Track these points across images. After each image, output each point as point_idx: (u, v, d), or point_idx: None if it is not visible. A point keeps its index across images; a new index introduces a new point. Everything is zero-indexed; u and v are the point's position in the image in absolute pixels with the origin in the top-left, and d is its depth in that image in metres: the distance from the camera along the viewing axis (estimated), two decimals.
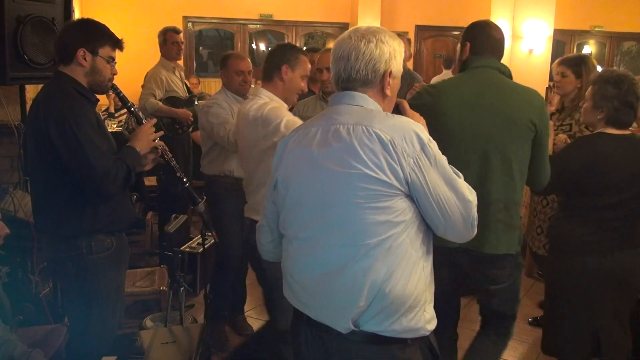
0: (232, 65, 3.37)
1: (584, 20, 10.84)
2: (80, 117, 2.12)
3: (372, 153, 1.43)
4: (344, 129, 1.49)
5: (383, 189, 1.43)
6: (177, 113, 4.62)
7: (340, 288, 1.49)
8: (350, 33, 1.57)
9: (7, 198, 3.05)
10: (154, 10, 8.71)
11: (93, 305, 2.28)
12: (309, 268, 1.56)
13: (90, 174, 2.11)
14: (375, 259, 1.45)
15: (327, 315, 1.55)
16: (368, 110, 1.54)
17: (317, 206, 1.52)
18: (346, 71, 1.55)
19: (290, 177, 1.60)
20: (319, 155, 1.52)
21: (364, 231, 1.45)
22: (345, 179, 1.46)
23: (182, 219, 3.16)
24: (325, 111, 1.62)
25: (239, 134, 2.64)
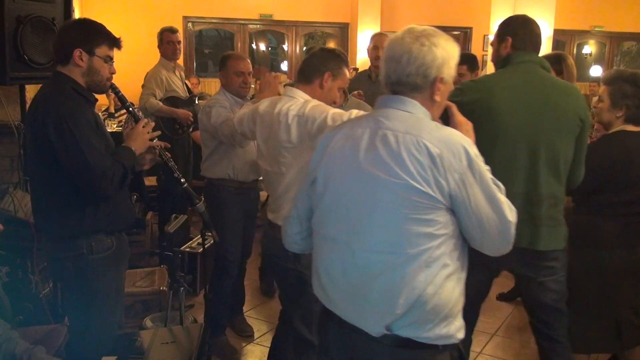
0: (232, 66, 3.29)
1: (584, 20, 10.84)
2: (78, 118, 2.12)
3: (419, 165, 1.42)
4: (392, 136, 1.47)
5: (427, 201, 1.42)
6: (178, 113, 4.62)
7: (378, 294, 1.49)
8: (404, 33, 1.54)
9: (7, 198, 3.05)
10: (153, 11, 8.71)
11: (93, 305, 2.27)
12: (345, 271, 1.55)
13: (87, 175, 2.10)
14: (414, 269, 1.45)
15: (360, 318, 1.55)
16: (418, 119, 1.51)
17: (357, 210, 1.51)
18: (396, 73, 1.52)
19: (332, 176, 1.58)
20: (364, 159, 1.50)
21: (405, 240, 1.45)
22: (389, 187, 1.45)
23: (182, 219, 3.16)
24: (373, 113, 1.59)
25: (264, 136, 2.46)
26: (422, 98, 1.54)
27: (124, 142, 2.30)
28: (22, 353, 2.06)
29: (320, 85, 2.37)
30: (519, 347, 3.50)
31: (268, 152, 2.43)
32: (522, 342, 3.58)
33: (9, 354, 2.05)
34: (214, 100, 3.31)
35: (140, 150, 2.29)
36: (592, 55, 11.86)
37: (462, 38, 10.75)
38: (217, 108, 3.20)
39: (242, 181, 3.31)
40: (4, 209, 3.00)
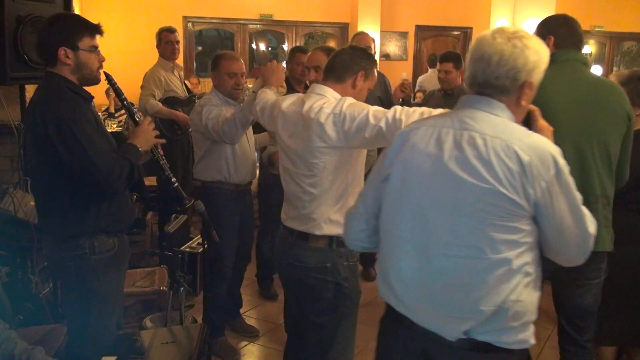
0: (225, 67, 3.18)
1: (584, 20, 10.76)
2: (78, 118, 2.12)
3: (509, 171, 1.38)
4: (480, 138, 1.43)
5: (513, 208, 1.40)
6: (177, 116, 4.62)
7: (457, 300, 1.46)
8: (495, 33, 1.49)
9: (7, 198, 3.05)
10: (153, 11, 8.70)
11: (92, 305, 2.28)
12: (421, 274, 1.51)
13: (93, 173, 2.11)
14: (497, 276, 1.42)
15: (436, 323, 1.52)
16: (506, 123, 1.47)
17: (436, 211, 1.47)
18: (485, 75, 1.48)
19: (410, 174, 1.53)
20: (449, 160, 1.45)
21: (488, 246, 1.42)
22: (473, 191, 1.41)
23: (182, 219, 3.16)
24: (456, 112, 1.54)
25: (289, 133, 2.29)
26: (508, 101, 1.49)
27: (128, 140, 2.31)
28: (21, 353, 2.06)
29: (352, 84, 2.26)
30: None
31: (294, 151, 2.25)
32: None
33: (8, 353, 2.05)
34: (205, 99, 3.26)
35: (145, 147, 2.30)
36: (592, 55, 11.85)
37: (462, 38, 10.75)
38: (207, 107, 3.14)
39: (237, 184, 3.26)
40: (4, 209, 3.00)
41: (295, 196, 2.26)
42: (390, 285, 1.59)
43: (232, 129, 2.99)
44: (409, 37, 10.39)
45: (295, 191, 2.25)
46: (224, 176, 3.22)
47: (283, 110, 2.31)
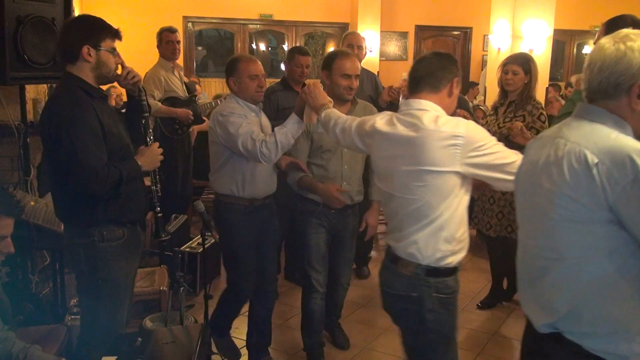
0: (245, 70, 2.91)
1: (584, 20, 10.84)
2: (77, 118, 2.20)
3: (575, 174, 1.40)
4: (562, 144, 1.47)
5: (582, 212, 1.40)
6: (177, 113, 4.61)
7: (543, 292, 1.55)
8: (608, 38, 1.48)
9: None
10: (154, 11, 8.71)
11: (102, 293, 2.37)
12: (523, 267, 1.64)
13: (78, 173, 2.20)
14: (575, 276, 1.46)
15: (531, 313, 1.63)
16: (595, 128, 1.45)
17: (526, 212, 1.61)
18: (589, 82, 1.49)
19: (519, 182, 1.68)
20: (541, 164, 1.53)
21: (563, 248, 1.47)
22: (546, 195, 1.48)
23: (182, 219, 3.16)
24: (566, 121, 1.57)
25: (386, 155, 2.13)
26: (616, 106, 1.45)
27: (135, 156, 2.41)
28: (18, 352, 2.07)
29: (449, 93, 2.11)
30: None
31: (392, 174, 2.09)
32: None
33: (5, 353, 2.06)
34: (227, 109, 2.92)
35: (148, 168, 2.41)
36: None
37: (462, 38, 10.75)
38: (234, 118, 2.84)
39: (251, 199, 2.99)
40: None
41: (391, 217, 2.16)
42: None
43: (272, 151, 2.72)
44: (409, 37, 10.39)
45: (392, 212, 2.14)
46: (237, 189, 2.96)
47: (384, 132, 2.13)
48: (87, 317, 2.47)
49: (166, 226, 2.93)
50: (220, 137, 2.89)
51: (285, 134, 2.71)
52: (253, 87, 2.92)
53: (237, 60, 2.97)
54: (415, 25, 10.36)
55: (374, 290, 4.37)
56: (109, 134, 2.29)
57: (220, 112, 2.91)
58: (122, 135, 2.40)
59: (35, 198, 3.25)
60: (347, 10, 9.93)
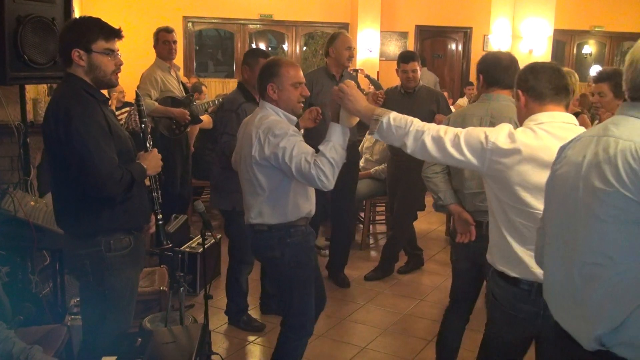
0: (288, 76, 2.53)
1: (584, 20, 10.84)
2: (87, 118, 2.14)
3: (632, 173, 1.31)
4: (613, 142, 1.38)
5: (637, 211, 1.32)
6: (174, 113, 4.61)
7: (592, 304, 1.42)
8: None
9: (7, 198, 3.04)
10: (153, 11, 8.71)
11: (109, 303, 2.31)
12: (565, 281, 1.50)
13: (93, 174, 2.12)
14: (627, 282, 1.35)
15: (576, 329, 1.49)
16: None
17: (570, 219, 1.48)
18: (631, 80, 1.42)
19: (557, 182, 1.55)
20: (585, 166, 1.43)
21: (618, 252, 1.36)
22: (599, 196, 1.37)
23: (182, 219, 3.16)
24: (607, 120, 1.49)
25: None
26: None
27: (138, 159, 2.36)
28: (19, 353, 2.06)
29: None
30: None
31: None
32: None
33: (6, 353, 2.05)
34: (278, 126, 2.46)
35: (151, 172, 2.35)
36: (592, 55, 11.86)
37: (462, 38, 10.75)
38: (288, 138, 2.42)
39: (307, 217, 2.68)
40: (4, 209, 3.00)
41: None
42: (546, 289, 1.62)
43: (328, 174, 2.37)
44: (409, 37, 10.39)
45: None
46: (309, 211, 2.64)
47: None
48: (91, 325, 2.40)
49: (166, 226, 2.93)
50: (272, 160, 2.44)
51: (334, 149, 2.36)
52: (296, 96, 2.56)
53: (277, 65, 2.55)
54: (415, 25, 10.36)
55: (373, 290, 4.38)
56: (115, 135, 2.24)
57: (272, 132, 2.45)
58: (127, 138, 2.36)
59: (35, 198, 3.25)
60: (347, 10, 9.93)
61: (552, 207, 1.58)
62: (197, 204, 2.68)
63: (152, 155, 2.39)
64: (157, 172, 2.41)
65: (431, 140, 2.00)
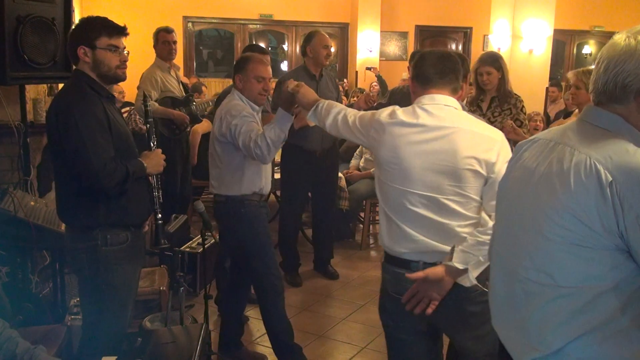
0: (253, 70, 2.94)
1: (584, 20, 10.85)
2: (86, 112, 2.20)
3: (583, 192, 1.17)
4: (568, 153, 1.24)
5: (587, 237, 1.19)
6: (173, 115, 4.61)
7: (529, 326, 1.32)
8: (622, 34, 1.27)
9: (7, 198, 3.04)
10: (153, 11, 8.72)
11: (106, 297, 2.34)
12: (505, 293, 1.40)
13: (87, 166, 2.18)
14: (569, 308, 1.24)
15: (512, 345, 1.41)
16: (608, 138, 1.23)
17: (516, 229, 1.36)
18: (597, 81, 1.29)
19: (508, 188, 1.44)
20: (537, 175, 1.32)
21: (560, 274, 1.24)
22: (545, 211, 1.25)
23: (182, 219, 3.15)
24: (570, 124, 1.38)
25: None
26: (627, 112, 1.25)
27: (140, 157, 2.40)
28: (23, 353, 2.05)
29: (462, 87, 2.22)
30: None
31: (430, 173, 2.00)
32: None
33: (10, 353, 2.04)
34: (235, 108, 2.91)
35: (151, 170, 2.40)
36: (592, 55, 11.86)
37: (462, 38, 10.75)
38: (240, 118, 2.85)
39: (261, 193, 3.08)
40: (4, 209, 3.00)
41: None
42: (490, 297, 1.52)
43: (264, 150, 2.78)
44: (409, 37, 10.40)
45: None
46: (261, 187, 3.03)
47: (407, 121, 2.06)
48: (89, 321, 2.44)
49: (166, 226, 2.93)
50: (225, 136, 2.90)
51: (273, 130, 2.76)
52: (258, 88, 2.95)
53: (247, 60, 2.99)
54: (415, 25, 10.37)
55: (372, 290, 4.37)
56: (115, 131, 2.28)
57: (229, 112, 2.91)
58: (128, 135, 2.40)
59: (35, 198, 3.25)
60: (347, 10, 9.94)
61: (501, 210, 1.48)
62: (197, 204, 2.68)
63: (155, 154, 2.45)
64: (158, 171, 2.46)
65: (341, 119, 2.21)
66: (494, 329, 1.50)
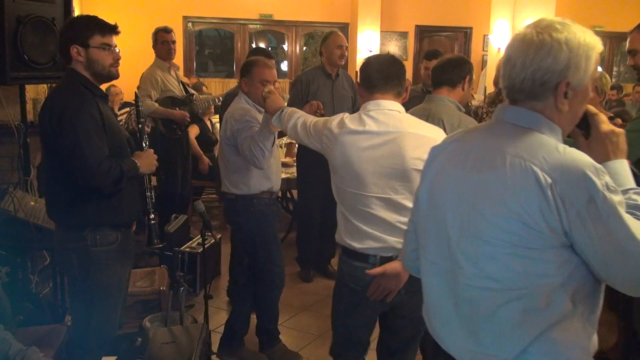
0: (258, 74, 3.04)
1: (584, 20, 10.73)
2: (80, 110, 2.20)
3: (524, 195, 1.19)
4: (500, 157, 1.24)
5: (532, 237, 1.20)
6: (174, 115, 4.61)
7: (482, 334, 1.31)
8: (528, 29, 1.27)
9: (7, 198, 3.05)
10: (153, 11, 8.71)
11: (94, 297, 2.33)
12: (452, 304, 1.37)
13: (83, 165, 2.18)
14: (521, 310, 1.24)
15: (464, 356, 1.38)
16: (536, 138, 1.25)
17: (458, 239, 1.32)
18: (510, 78, 1.28)
19: (436, 196, 1.40)
20: (467, 181, 1.30)
21: (510, 278, 1.24)
22: (489, 219, 1.24)
23: (182, 219, 3.15)
24: (488, 126, 1.39)
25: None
26: (544, 107, 1.27)
27: (132, 157, 2.39)
28: (15, 354, 2.06)
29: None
30: None
31: (381, 177, 2.10)
32: None
33: (2, 355, 2.05)
34: (239, 112, 3.03)
35: (143, 170, 2.40)
36: None
37: (462, 38, 10.75)
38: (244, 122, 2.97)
39: (270, 191, 3.18)
40: (4, 209, 3.00)
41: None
42: (427, 311, 1.50)
43: (258, 156, 2.87)
44: (409, 37, 10.39)
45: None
46: (270, 187, 3.13)
47: (355, 129, 2.19)
48: (79, 321, 2.44)
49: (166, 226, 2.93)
50: (230, 139, 3.03)
51: (262, 133, 2.87)
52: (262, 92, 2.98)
53: (252, 64, 3.11)
54: (415, 25, 10.36)
55: None
56: (109, 130, 2.28)
57: (233, 116, 3.03)
58: (121, 135, 2.40)
59: (35, 198, 3.25)
60: (347, 10, 9.93)
61: (427, 219, 1.44)
62: (197, 204, 2.69)
63: (147, 154, 2.45)
64: (150, 171, 2.45)
65: (300, 125, 2.33)
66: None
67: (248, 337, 3.45)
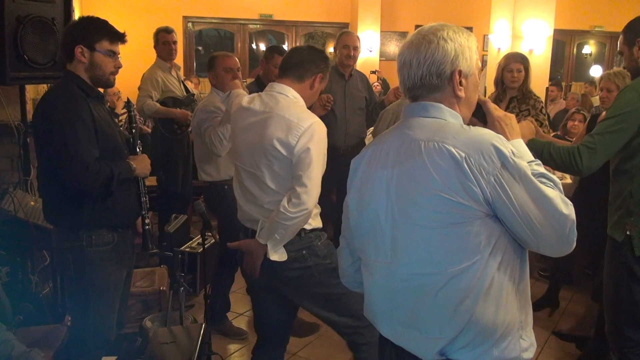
0: (220, 64, 3.36)
1: (584, 20, 10.84)
2: (71, 112, 2.19)
3: (444, 173, 1.30)
4: (415, 146, 1.36)
5: (461, 211, 1.30)
6: (175, 114, 4.61)
7: (426, 319, 1.39)
8: (412, 36, 1.45)
9: (7, 198, 3.05)
10: (153, 11, 8.71)
11: (91, 298, 2.33)
12: (391, 296, 1.46)
13: (69, 166, 2.17)
14: (460, 288, 1.33)
15: (412, 344, 1.45)
16: (441, 123, 1.39)
17: (392, 231, 1.42)
18: (410, 79, 1.42)
19: (365, 199, 1.49)
20: (392, 176, 1.41)
21: (445, 258, 1.33)
22: (418, 203, 1.34)
23: (182, 219, 3.15)
24: (397, 125, 1.49)
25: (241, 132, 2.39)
26: (444, 97, 1.42)
27: (129, 159, 2.39)
28: (19, 356, 2.06)
29: (311, 85, 2.31)
30: None
31: (249, 151, 2.28)
32: None
33: (5, 356, 2.05)
34: (204, 103, 3.35)
35: (139, 173, 2.40)
36: (592, 55, 11.87)
37: None
38: (206, 113, 3.27)
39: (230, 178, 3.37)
40: (4, 209, 3.00)
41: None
42: (370, 309, 1.57)
43: (216, 144, 3.14)
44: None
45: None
46: (225, 172, 3.33)
47: (244, 106, 2.38)
48: (76, 321, 2.44)
49: (166, 227, 2.93)
50: (195, 128, 3.32)
51: (222, 122, 3.09)
52: (228, 79, 3.29)
53: (214, 57, 3.41)
54: (415, 25, 10.35)
55: None
56: (101, 132, 2.27)
57: (200, 108, 3.35)
58: (116, 136, 2.37)
59: (35, 198, 3.25)
60: (347, 10, 9.94)
61: (362, 221, 1.52)
62: (197, 204, 2.69)
63: (142, 158, 2.45)
64: (145, 174, 2.44)
65: (236, 102, 2.47)
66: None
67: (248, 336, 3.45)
